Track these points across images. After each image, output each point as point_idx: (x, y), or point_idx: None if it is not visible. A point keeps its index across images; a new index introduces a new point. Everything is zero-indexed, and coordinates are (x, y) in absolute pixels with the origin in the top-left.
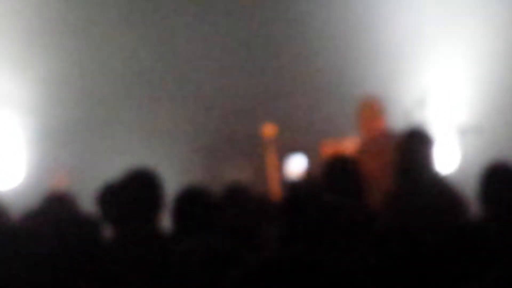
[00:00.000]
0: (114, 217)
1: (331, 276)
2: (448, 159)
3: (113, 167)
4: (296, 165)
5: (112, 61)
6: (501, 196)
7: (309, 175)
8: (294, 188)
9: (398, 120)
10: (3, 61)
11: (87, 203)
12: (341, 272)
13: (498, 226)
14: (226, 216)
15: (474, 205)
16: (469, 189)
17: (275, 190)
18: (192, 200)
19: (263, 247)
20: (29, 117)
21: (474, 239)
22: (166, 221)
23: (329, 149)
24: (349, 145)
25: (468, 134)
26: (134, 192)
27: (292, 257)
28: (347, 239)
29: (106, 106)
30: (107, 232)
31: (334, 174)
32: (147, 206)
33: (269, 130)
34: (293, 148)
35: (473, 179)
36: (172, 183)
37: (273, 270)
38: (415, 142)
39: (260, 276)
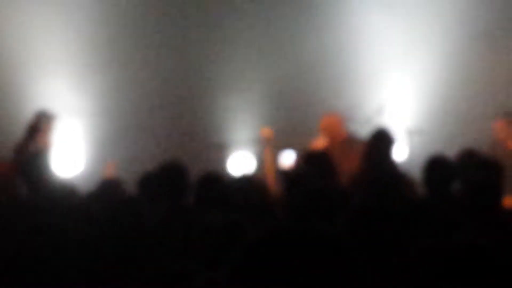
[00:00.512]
0: (153, 197)
1: (322, 243)
2: (398, 153)
3: (150, 159)
4: (287, 159)
5: (150, 78)
6: (438, 180)
7: (297, 166)
8: (286, 176)
9: (361, 123)
10: (71, 78)
11: (131, 187)
12: (330, 239)
13: (436, 202)
14: (237, 195)
15: (419, 187)
16: (415, 175)
17: (271, 178)
18: (211, 182)
19: (266, 220)
20: (88, 120)
21: (420, 211)
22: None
23: (311, 146)
24: (320, 143)
25: (414, 135)
26: (168, 178)
27: (288, 229)
28: (326, 211)
29: (145, 113)
30: (147, 208)
31: (312, 163)
32: (178, 189)
33: (266, 132)
34: (285, 146)
35: (418, 168)
36: (193, 171)
37: (273, 240)
38: (382, 140)
39: (263, 245)
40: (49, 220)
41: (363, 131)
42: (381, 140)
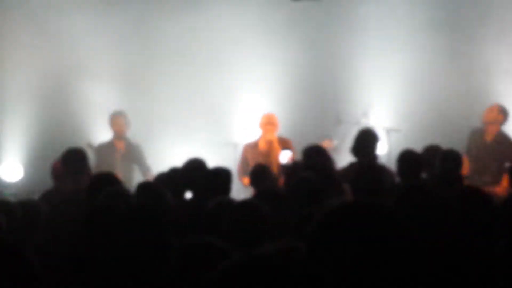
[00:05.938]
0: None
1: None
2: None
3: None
4: (287, 155)
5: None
6: (407, 169)
7: (293, 161)
8: (289, 166)
9: (350, 125)
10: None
11: None
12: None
13: (407, 186)
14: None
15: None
16: (393, 166)
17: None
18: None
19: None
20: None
21: (399, 194)
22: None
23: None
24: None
25: (391, 133)
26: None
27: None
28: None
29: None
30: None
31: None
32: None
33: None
34: (285, 148)
35: (394, 160)
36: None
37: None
38: (369, 136)
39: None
40: None
41: (353, 130)
42: (369, 137)
